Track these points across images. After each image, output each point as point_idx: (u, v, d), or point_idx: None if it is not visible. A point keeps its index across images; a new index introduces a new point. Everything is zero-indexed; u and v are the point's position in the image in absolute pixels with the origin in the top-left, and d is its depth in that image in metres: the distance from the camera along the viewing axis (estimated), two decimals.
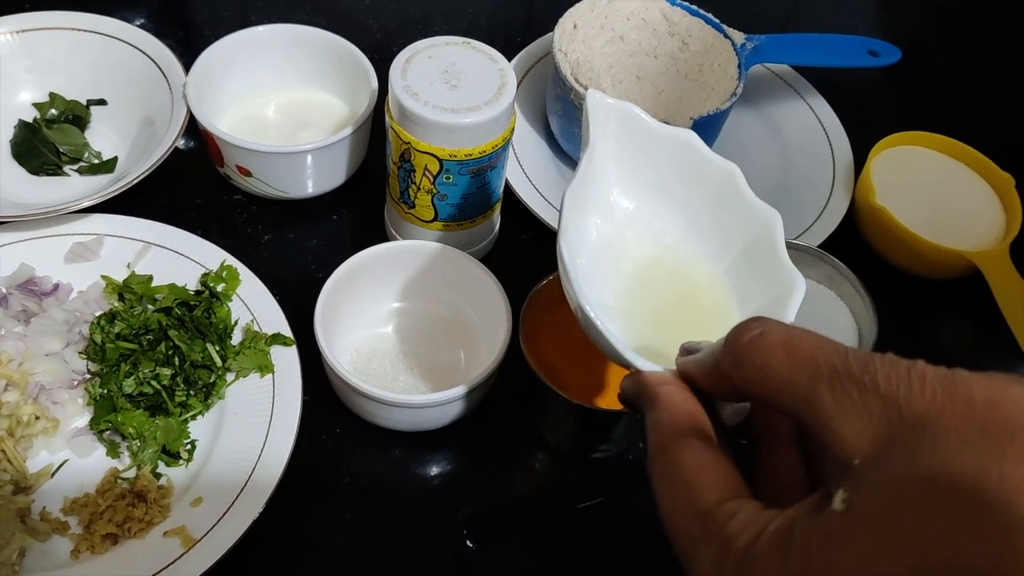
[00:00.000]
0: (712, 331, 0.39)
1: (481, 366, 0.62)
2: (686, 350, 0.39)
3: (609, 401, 0.63)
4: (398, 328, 0.69)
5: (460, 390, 0.60)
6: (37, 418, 0.62)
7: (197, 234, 0.71)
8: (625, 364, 0.41)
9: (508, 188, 0.75)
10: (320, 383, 0.66)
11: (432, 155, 0.63)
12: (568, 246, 0.44)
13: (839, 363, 0.31)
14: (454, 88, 0.63)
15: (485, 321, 0.67)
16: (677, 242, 0.50)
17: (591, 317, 0.42)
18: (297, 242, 0.76)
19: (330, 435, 0.66)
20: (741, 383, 0.34)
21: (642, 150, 0.50)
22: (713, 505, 0.32)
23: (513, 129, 0.66)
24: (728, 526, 0.31)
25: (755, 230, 0.48)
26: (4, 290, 0.67)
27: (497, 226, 0.76)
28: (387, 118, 0.65)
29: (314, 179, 0.75)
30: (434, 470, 0.65)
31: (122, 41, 0.78)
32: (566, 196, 0.46)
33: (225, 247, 0.70)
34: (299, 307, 0.68)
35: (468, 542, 0.60)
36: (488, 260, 0.74)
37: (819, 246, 0.72)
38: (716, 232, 0.50)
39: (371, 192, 0.78)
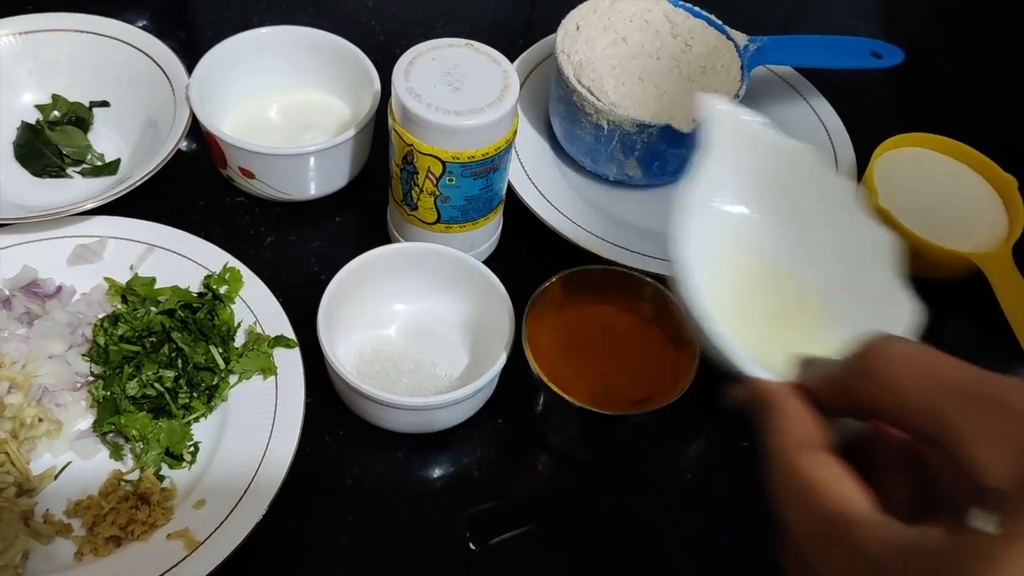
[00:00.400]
0: (815, 345, 0.40)
1: (484, 368, 0.62)
2: (805, 363, 0.40)
3: (612, 403, 0.63)
4: (401, 330, 0.69)
5: (463, 392, 0.60)
6: (40, 420, 0.62)
7: (200, 236, 0.71)
8: (738, 372, 0.42)
9: (510, 190, 0.75)
10: (322, 385, 0.66)
11: (435, 157, 0.63)
12: (687, 251, 0.44)
13: (975, 385, 0.31)
14: (457, 90, 0.63)
15: (488, 323, 0.67)
16: (785, 254, 0.50)
17: (709, 324, 0.43)
18: (299, 244, 0.76)
19: (333, 437, 0.66)
20: (866, 397, 0.34)
21: (756, 159, 0.49)
22: (840, 513, 0.32)
23: (516, 131, 0.66)
24: (856, 532, 0.31)
25: (867, 248, 0.47)
26: (7, 292, 0.67)
27: (500, 228, 0.76)
28: (390, 120, 0.65)
29: (317, 181, 0.75)
30: (437, 472, 0.65)
31: (125, 43, 0.78)
32: (683, 201, 0.45)
33: (227, 249, 0.70)
34: (301, 309, 0.68)
35: (471, 544, 0.60)
36: (490, 262, 0.74)
37: None
38: (826, 247, 0.49)
39: (373, 194, 0.78)
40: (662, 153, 0.75)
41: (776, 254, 0.50)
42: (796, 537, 0.34)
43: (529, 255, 0.77)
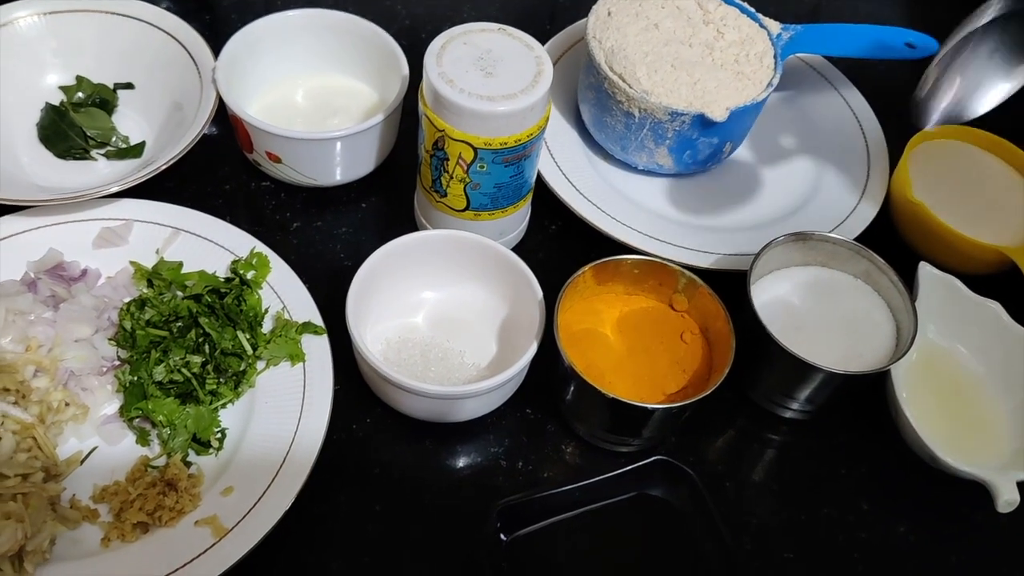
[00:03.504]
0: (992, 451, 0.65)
1: (512, 357, 0.61)
2: None
3: (644, 395, 0.62)
4: (429, 318, 0.69)
5: (492, 382, 0.60)
6: (67, 404, 0.61)
7: (225, 220, 0.70)
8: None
9: (538, 177, 0.74)
10: (349, 373, 0.65)
11: (467, 143, 0.62)
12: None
13: None
14: (490, 75, 0.62)
15: (517, 311, 0.66)
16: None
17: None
18: (325, 230, 0.75)
19: (360, 425, 0.65)
20: None
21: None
22: None
23: (548, 118, 0.65)
24: None
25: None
26: (33, 275, 0.67)
27: (528, 216, 0.75)
28: (420, 105, 0.64)
29: (343, 166, 0.74)
30: (464, 461, 0.65)
31: (150, 24, 0.77)
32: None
33: (253, 234, 0.70)
34: (327, 295, 0.67)
35: (500, 534, 0.60)
36: (518, 249, 0.73)
37: (854, 240, 0.71)
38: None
39: (400, 180, 0.78)
40: (693, 142, 0.74)
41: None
42: None
43: (557, 243, 0.77)
